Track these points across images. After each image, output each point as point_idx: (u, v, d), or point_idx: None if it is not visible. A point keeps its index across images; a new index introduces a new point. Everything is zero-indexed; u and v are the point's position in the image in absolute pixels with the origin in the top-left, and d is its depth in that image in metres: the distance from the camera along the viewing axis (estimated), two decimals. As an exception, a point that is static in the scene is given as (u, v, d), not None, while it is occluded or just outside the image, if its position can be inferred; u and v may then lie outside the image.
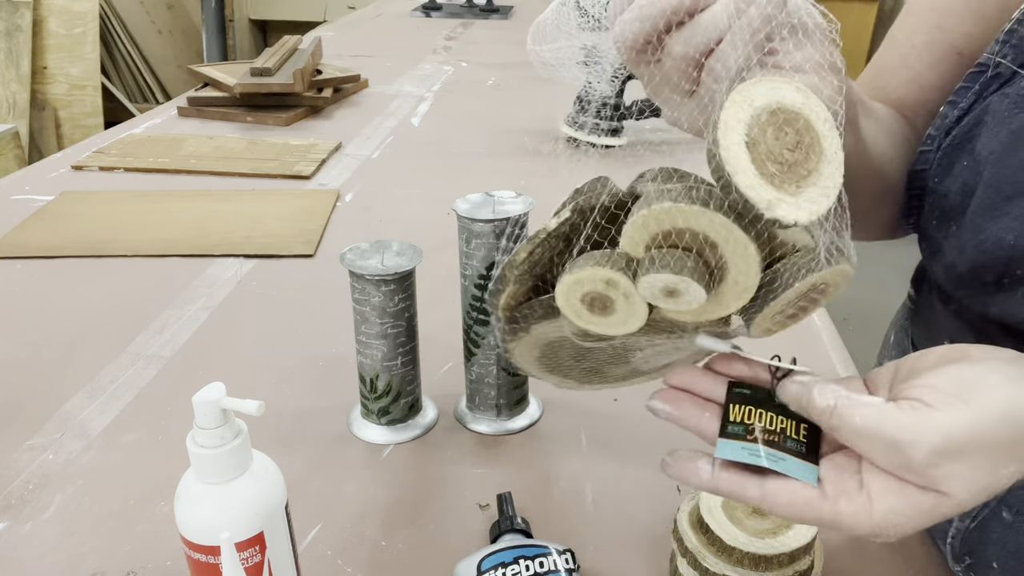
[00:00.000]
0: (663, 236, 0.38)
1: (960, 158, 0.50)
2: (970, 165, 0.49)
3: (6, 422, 0.70)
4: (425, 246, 0.68)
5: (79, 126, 3.44)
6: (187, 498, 0.43)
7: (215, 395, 0.41)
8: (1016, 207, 0.45)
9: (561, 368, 0.49)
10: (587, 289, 0.39)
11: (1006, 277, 0.47)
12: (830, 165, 0.36)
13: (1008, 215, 0.45)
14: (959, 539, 0.57)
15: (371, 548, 0.58)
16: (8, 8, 3.21)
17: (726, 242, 0.37)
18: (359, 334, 0.66)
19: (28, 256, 0.99)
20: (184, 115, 1.58)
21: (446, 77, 1.92)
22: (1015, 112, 0.46)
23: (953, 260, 0.50)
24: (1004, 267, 0.47)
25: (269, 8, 4.65)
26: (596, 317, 0.40)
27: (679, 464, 0.41)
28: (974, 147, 0.49)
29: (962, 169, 0.49)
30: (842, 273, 0.38)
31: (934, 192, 0.52)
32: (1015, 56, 0.47)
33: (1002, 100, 0.47)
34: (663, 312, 0.40)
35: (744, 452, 0.39)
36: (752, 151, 0.36)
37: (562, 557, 0.51)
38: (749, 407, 0.41)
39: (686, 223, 0.37)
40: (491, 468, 0.66)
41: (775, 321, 0.41)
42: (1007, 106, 0.47)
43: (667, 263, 0.37)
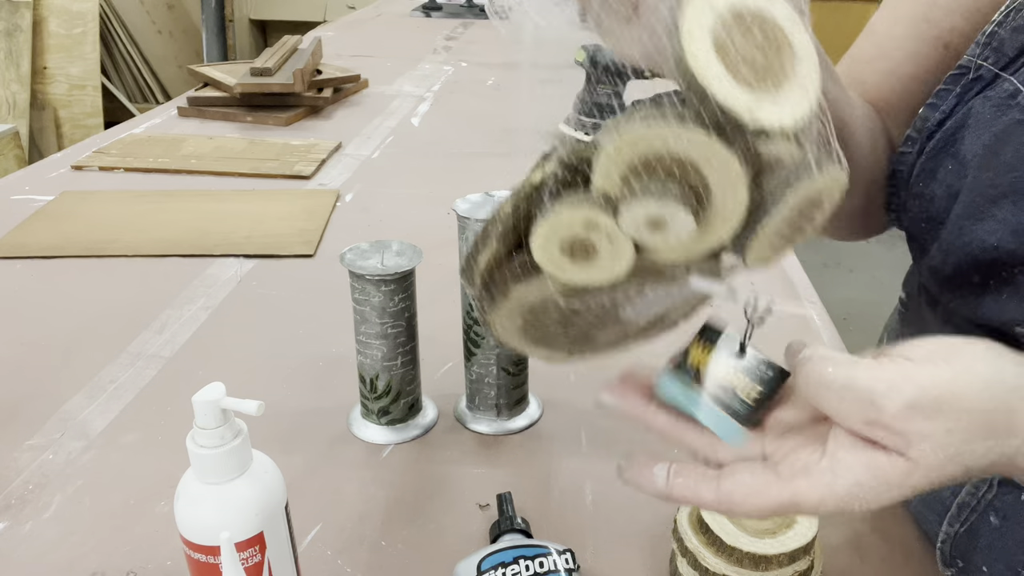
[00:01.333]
0: (640, 165, 0.34)
1: (944, 161, 0.49)
2: (954, 168, 0.48)
3: (6, 422, 0.70)
4: (425, 246, 0.68)
5: (79, 126, 3.44)
6: (187, 498, 0.43)
7: (215, 395, 0.41)
8: (1000, 209, 0.45)
9: (547, 338, 0.46)
10: (565, 235, 0.36)
11: (991, 279, 0.47)
12: (803, 64, 0.34)
13: (992, 218, 0.45)
14: (949, 544, 0.57)
15: (371, 548, 0.58)
16: (8, 8, 3.21)
17: (708, 162, 0.33)
18: (359, 334, 0.66)
19: (28, 256, 0.99)
20: (184, 115, 1.58)
21: (446, 77, 1.92)
22: (998, 115, 0.46)
23: (939, 263, 0.49)
24: (988, 269, 0.47)
25: (269, 8, 4.65)
26: (579, 266, 0.37)
27: (634, 470, 0.39)
28: (958, 150, 0.48)
29: (946, 173, 0.49)
30: (835, 180, 0.35)
31: (920, 196, 0.51)
32: (996, 58, 0.47)
33: (984, 103, 0.47)
34: (650, 254, 0.37)
35: (681, 396, 0.37)
36: (723, 57, 0.33)
37: (562, 557, 0.51)
38: (710, 353, 0.39)
39: (663, 146, 0.33)
40: (491, 468, 0.66)
41: (771, 246, 0.38)
42: (989, 109, 0.46)
43: (649, 191, 0.34)
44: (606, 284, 0.38)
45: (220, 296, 0.90)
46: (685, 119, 0.33)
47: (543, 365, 0.77)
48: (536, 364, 0.73)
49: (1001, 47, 0.46)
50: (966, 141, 0.47)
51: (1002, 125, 0.45)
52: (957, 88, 0.49)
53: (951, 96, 0.49)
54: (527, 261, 0.38)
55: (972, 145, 0.47)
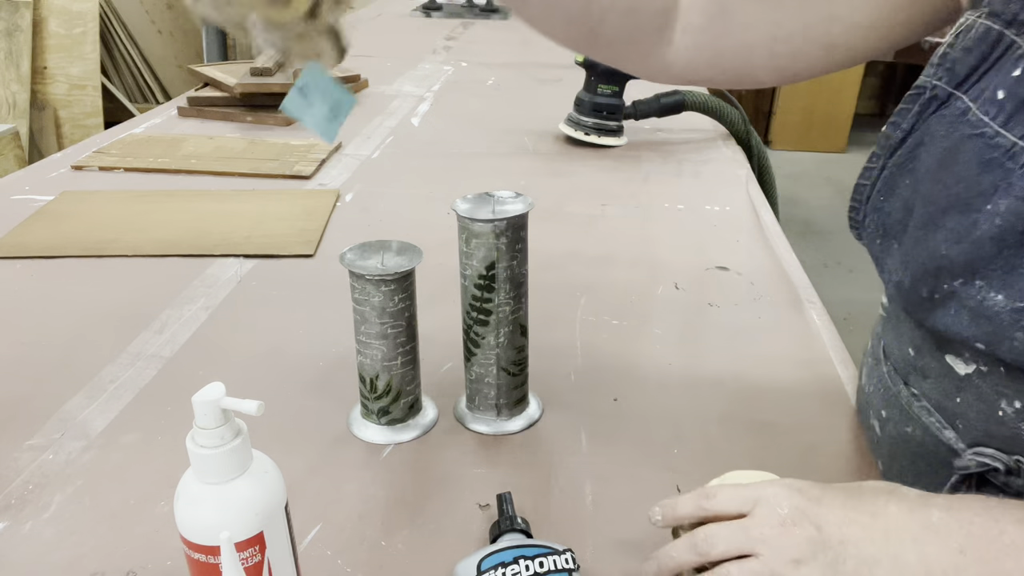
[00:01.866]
0: None
1: (903, 178, 0.51)
2: (911, 183, 0.50)
3: (6, 422, 0.70)
4: (425, 246, 0.68)
5: (79, 126, 3.44)
6: (187, 498, 0.43)
7: (215, 395, 0.41)
8: (951, 219, 0.46)
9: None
10: None
11: (936, 292, 0.48)
12: None
13: (943, 227, 0.47)
14: None
15: (371, 548, 0.58)
16: (8, 8, 3.22)
17: None
18: (359, 334, 0.66)
19: (28, 256, 0.99)
20: (184, 115, 1.58)
21: (446, 77, 1.92)
22: (950, 131, 0.47)
23: (900, 277, 0.51)
24: (935, 280, 0.48)
25: (269, 8, 4.64)
26: None
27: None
28: (915, 167, 0.50)
29: (904, 188, 0.51)
30: None
31: (879, 210, 0.53)
32: (949, 78, 0.49)
33: (940, 121, 0.49)
34: None
35: None
36: None
37: (562, 557, 0.51)
38: None
39: None
40: (491, 468, 0.66)
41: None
42: (944, 126, 0.48)
43: None
44: None
45: (220, 296, 0.91)
46: None
47: (543, 366, 0.77)
48: (536, 364, 0.73)
49: (953, 68, 0.48)
50: (922, 157, 0.49)
51: (953, 140, 0.47)
52: (916, 107, 0.51)
53: (910, 115, 0.51)
54: None
55: (927, 160, 0.49)
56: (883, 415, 0.60)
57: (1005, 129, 0.44)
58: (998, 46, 0.46)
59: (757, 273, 0.98)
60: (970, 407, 0.51)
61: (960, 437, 0.52)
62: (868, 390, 0.63)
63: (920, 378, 0.55)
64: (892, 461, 0.51)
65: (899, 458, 0.57)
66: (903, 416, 0.57)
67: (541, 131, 1.52)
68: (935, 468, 0.54)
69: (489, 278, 0.65)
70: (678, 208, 1.18)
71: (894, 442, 0.58)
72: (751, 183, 1.28)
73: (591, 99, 1.42)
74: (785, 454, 0.67)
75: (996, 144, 0.44)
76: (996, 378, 0.49)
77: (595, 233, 1.09)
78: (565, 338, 0.84)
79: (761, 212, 1.16)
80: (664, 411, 0.73)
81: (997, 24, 0.46)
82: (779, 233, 1.09)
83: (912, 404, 0.55)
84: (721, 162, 1.38)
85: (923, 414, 0.54)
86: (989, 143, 0.45)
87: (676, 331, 0.86)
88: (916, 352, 0.55)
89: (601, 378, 0.77)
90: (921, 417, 0.55)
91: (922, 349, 0.54)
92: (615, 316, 0.88)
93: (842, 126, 4.43)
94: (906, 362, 0.56)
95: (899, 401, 0.57)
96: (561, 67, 1.99)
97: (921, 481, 0.47)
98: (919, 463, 0.56)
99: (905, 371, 0.57)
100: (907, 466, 0.50)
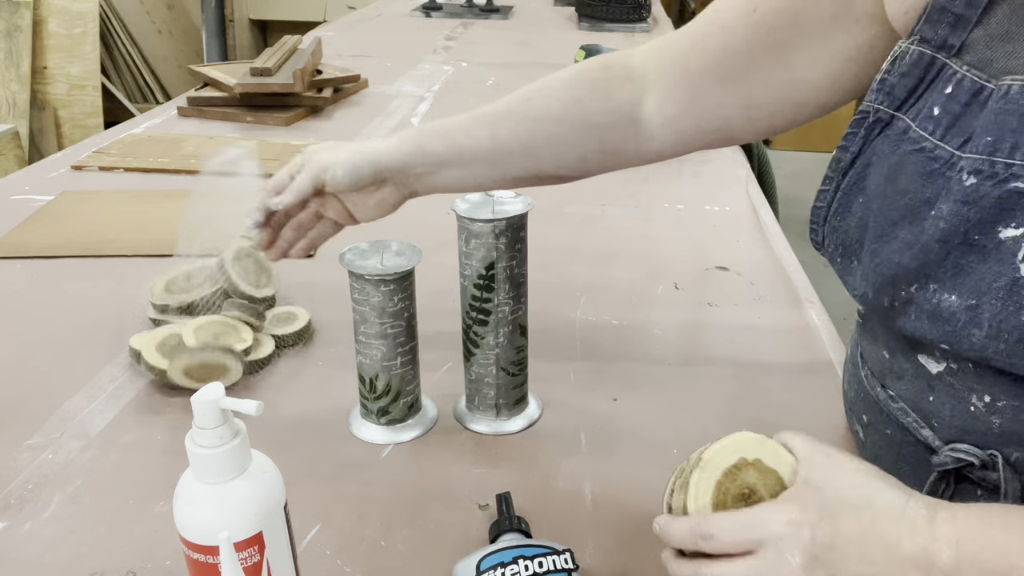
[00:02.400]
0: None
1: (856, 196, 0.54)
2: (864, 202, 0.54)
3: (6, 422, 0.70)
4: (425, 246, 0.68)
5: (79, 126, 3.44)
6: (186, 498, 0.43)
7: (214, 395, 0.42)
8: (901, 229, 0.50)
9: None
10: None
11: (896, 300, 0.51)
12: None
13: (896, 238, 0.50)
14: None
15: (370, 548, 0.58)
16: (8, 8, 3.22)
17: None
18: (359, 334, 0.66)
19: (28, 256, 0.99)
20: (184, 115, 1.58)
21: (446, 77, 1.92)
22: (895, 148, 0.51)
23: (863, 290, 0.54)
24: (893, 289, 0.51)
25: (269, 8, 4.65)
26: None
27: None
28: (865, 186, 0.54)
29: (858, 207, 0.54)
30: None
31: (836, 230, 0.56)
32: (889, 101, 0.52)
33: (884, 141, 0.53)
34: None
35: None
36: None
37: (561, 557, 0.51)
38: None
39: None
40: (490, 468, 0.66)
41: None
42: (889, 144, 0.52)
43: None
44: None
45: (220, 296, 0.90)
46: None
47: (543, 366, 0.77)
48: (536, 365, 0.73)
49: (892, 91, 0.52)
50: (871, 176, 0.53)
51: (898, 156, 0.51)
52: (861, 130, 0.54)
53: (857, 138, 0.55)
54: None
55: (876, 178, 0.53)
56: (864, 419, 0.61)
57: (943, 142, 0.48)
58: (931, 69, 0.50)
59: (757, 273, 0.98)
60: (944, 404, 0.53)
61: (936, 435, 0.54)
62: (850, 395, 0.65)
63: (895, 379, 0.57)
64: (876, 463, 0.51)
65: (882, 460, 0.58)
66: (882, 418, 0.58)
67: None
68: (915, 468, 0.55)
69: (489, 278, 0.65)
70: (678, 208, 1.18)
71: (876, 445, 0.60)
72: (751, 183, 1.28)
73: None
74: (785, 454, 0.67)
75: (936, 156, 0.48)
76: (965, 374, 0.51)
77: (595, 233, 1.09)
78: (565, 338, 0.84)
79: (761, 212, 1.16)
80: (664, 411, 0.73)
81: (928, 49, 0.50)
82: (779, 233, 1.09)
83: (890, 406, 0.57)
84: (721, 162, 1.38)
85: (900, 415, 0.56)
86: (930, 156, 0.49)
87: (676, 331, 0.86)
88: (891, 354, 0.57)
89: (601, 378, 0.77)
90: (899, 418, 0.56)
91: (896, 351, 0.56)
92: (615, 316, 0.88)
93: (842, 126, 4.39)
94: (882, 365, 0.58)
95: (878, 404, 0.59)
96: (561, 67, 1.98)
97: (904, 482, 0.47)
98: (901, 464, 0.57)
99: (881, 374, 0.58)
100: (890, 467, 0.51)
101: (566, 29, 2.57)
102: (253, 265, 0.85)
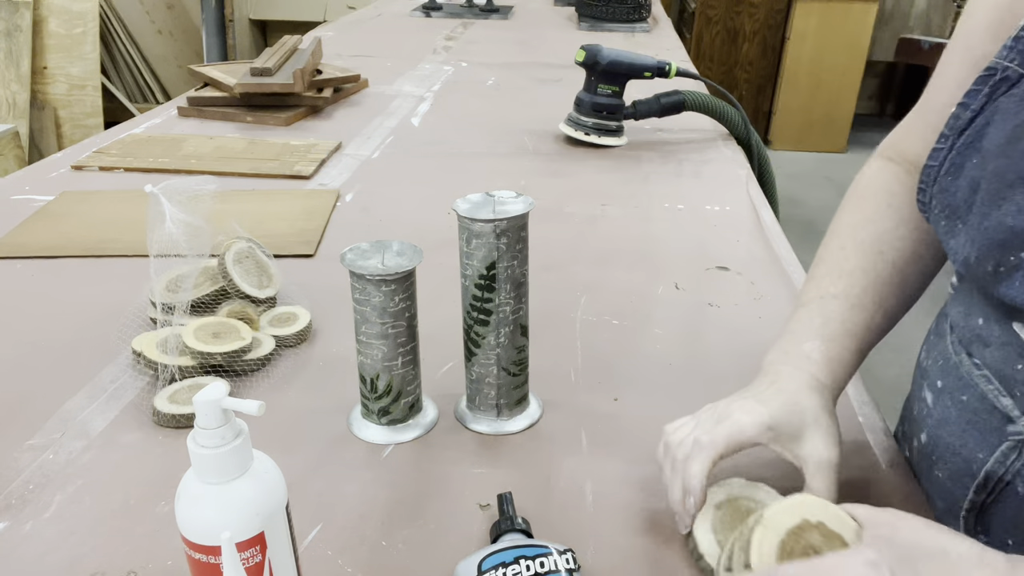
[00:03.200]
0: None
1: (970, 157, 0.53)
2: (978, 162, 0.53)
3: (6, 422, 0.70)
4: (425, 246, 0.68)
5: (79, 126, 3.44)
6: (188, 498, 0.43)
7: (216, 395, 0.41)
8: (1018, 192, 0.49)
9: None
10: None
11: (1002, 265, 0.50)
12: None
13: (1010, 200, 0.49)
14: (973, 514, 0.58)
15: (371, 548, 0.58)
16: (8, 8, 3.21)
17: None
18: (359, 334, 0.66)
19: (28, 256, 0.99)
20: (184, 115, 1.58)
21: (446, 77, 1.92)
22: (1020, 109, 0.50)
23: (967, 253, 0.53)
24: (1000, 253, 0.50)
25: (269, 8, 4.65)
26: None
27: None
28: (982, 145, 0.53)
29: (971, 167, 0.53)
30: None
31: (945, 190, 0.55)
32: (1021, 60, 0.51)
33: (1009, 100, 0.51)
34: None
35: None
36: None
37: (563, 557, 0.51)
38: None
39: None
40: (491, 468, 0.66)
41: None
42: (1014, 104, 0.51)
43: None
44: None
45: (220, 296, 0.90)
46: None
47: (544, 366, 0.77)
48: (536, 364, 0.73)
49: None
50: (990, 135, 0.52)
51: (1022, 118, 0.49)
52: (986, 88, 0.53)
53: (980, 95, 0.53)
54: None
55: (995, 137, 0.51)
56: (938, 385, 0.61)
57: None
58: None
59: (757, 273, 0.98)
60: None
61: (1016, 404, 0.54)
62: (925, 364, 0.65)
63: (983, 347, 0.56)
64: (939, 429, 0.52)
65: (950, 425, 0.59)
66: (960, 385, 0.58)
67: (541, 131, 1.52)
68: (985, 435, 0.55)
69: (490, 278, 0.65)
70: (678, 208, 1.18)
71: (946, 410, 0.60)
72: (751, 183, 1.28)
73: (591, 99, 1.42)
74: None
75: None
76: None
77: (595, 233, 1.09)
78: (565, 338, 0.84)
79: (761, 212, 1.16)
80: (664, 411, 0.73)
81: None
82: (779, 233, 1.09)
83: (972, 372, 0.57)
84: (721, 162, 1.38)
85: (982, 382, 0.56)
86: None
87: (676, 331, 0.86)
88: (985, 321, 0.57)
89: (601, 378, 0.77)
90: (979, 385, 0.56)
91: (990, 318, 0.56)
92: (615, 316, 0.88)
93: (842, 126, 4.43)
94: (972, 332, 0.58)
95: (959, 371, 0.58)
96: (561, 67, 1.99)
97: (967, 447, 0.49)
98: (970, 431, 0.57)
99: (968, 340, 0.58)
100: (956, 433, 0.51)
101: (566, 29, 2.57)
102: (254, 266, 0.85)
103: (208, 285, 0.82)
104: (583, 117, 1.43)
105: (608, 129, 1.43)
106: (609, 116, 1.43)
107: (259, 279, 0.84)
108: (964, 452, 0.57)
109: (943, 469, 0.60)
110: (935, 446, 0.61)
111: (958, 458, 0.58)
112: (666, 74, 1.43)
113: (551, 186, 1.25)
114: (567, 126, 1.45)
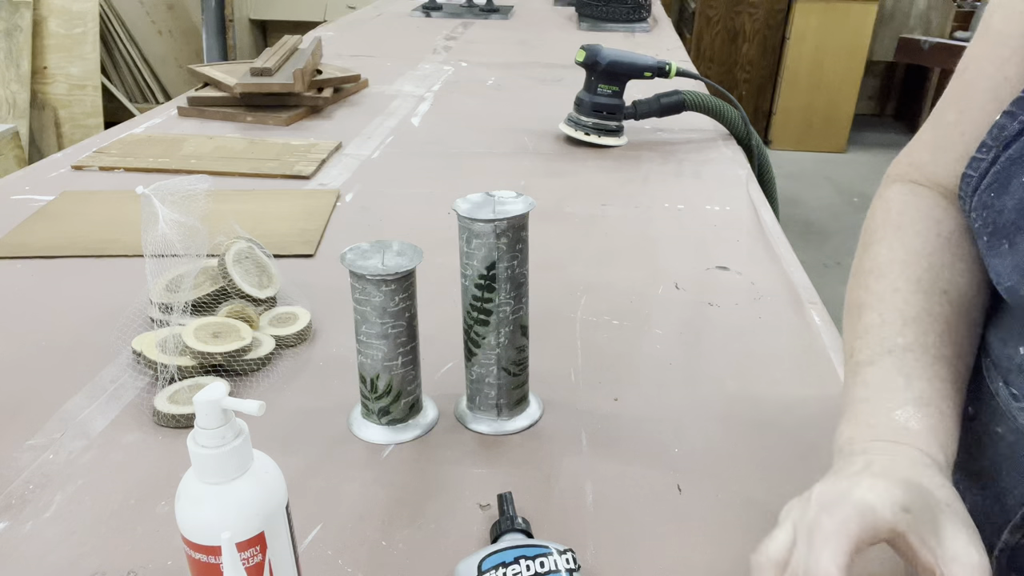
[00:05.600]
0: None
1: (1019, 173, 0.47)
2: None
3: (6, 422, 0.70)
4: (425, 246, 0.68)
5: (79, 126, 3.44)
6: (188, 498, 0.43)
7: (216, 395, 0.42)
8: None
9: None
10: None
11: None
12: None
13: None
14: (1006, 555, 0.53)
15: (371, 548, 0.58)
16: (8, 8, 3.21)
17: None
18: (359, 334, 0.66)
19: (28, 256, 0.99)
20: (184, 115, 1.58)
21: (446, 77, 1.92)
22: None
23: (1013, 282, 0.47)
24: None
25: (269, 8, 4.65)
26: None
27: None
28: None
29: (1018, 186, 0.47)
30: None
31: (988, 207, 0.49)
32: None
33: None
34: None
35: None
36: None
37: (563, 557, 0.51)
38: None
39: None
40: (491, 468, 0.66)
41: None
42: None
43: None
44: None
45: (220, 296, 0.90)
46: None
47: (544, 366, 0.77)
48: (536, 364, 0.73)
49: None
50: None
51: None
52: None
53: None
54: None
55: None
56: (969, 411, 0.55)
57: None
58: None
59: (757, 273, 0.98)
60: None
61: None
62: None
63: (1023, 378, 0.50)
64: (968, 455, 0.47)
65: (980, 458, 0.53)
66: (995, 416, 0.52)
67: (541, 131, 1.52)
68: (1017, 468, 0.50)
69: (490, 278, 0.65)
70: (678, 208, 1.18)
71: (977, 440, 0.54)
72: (751, 183, 1.28)
73: (591, 99, 1.42)
74: (785, 454, 0.67)
75: None
76: None
77: (595, 233, 1.09)
78: (565, 338, 0.84)
79: (761, 212, 1.16)
80: (664, 411, 0.73)
81: None
82: (779, 233, 1.09)
83: (1010, 404, 0.51)
84: (721, 162, 1.38)
85: (1020, 415, 0.50)
86: None
87: (676, 331, 0.86)
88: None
89: (601, 378, 0.77)
90: (1017, 417, 0.50)
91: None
92: (615, 316, 0.88)
93: (842, 126, 4.44)
94: (1010, 361, 0.52)
95: (994, 400, 0.52)
96: (561, 67, 1.99)
97: (999, 482, 0.43)
98: (1005, 465, 0.51)
99: (1007, 370, 0.52)
100: (986, 464, 0.46)
101: (566, 29, 2.57)
102: (254, 266, 0.85)
103: (208, 285, 0.82)
104: (583, 117, 1.43)
105: (608, 129, 1.43)
106: (609, 116, 1.43)
107: (259, 279, 0.85)
108: (998, 486, 0.51)
109: (978, 509, 0.54)
110: (960, 477, 0.56)
111: (988, 494, 0.53)
112: (666, 74, 1.43)
113: (551, 186, 1.25)
114: (567, 126, 1.45)
